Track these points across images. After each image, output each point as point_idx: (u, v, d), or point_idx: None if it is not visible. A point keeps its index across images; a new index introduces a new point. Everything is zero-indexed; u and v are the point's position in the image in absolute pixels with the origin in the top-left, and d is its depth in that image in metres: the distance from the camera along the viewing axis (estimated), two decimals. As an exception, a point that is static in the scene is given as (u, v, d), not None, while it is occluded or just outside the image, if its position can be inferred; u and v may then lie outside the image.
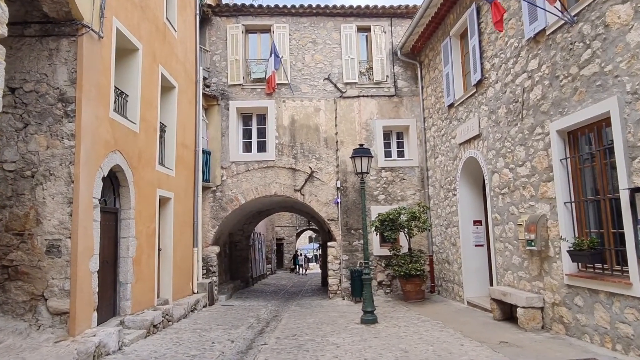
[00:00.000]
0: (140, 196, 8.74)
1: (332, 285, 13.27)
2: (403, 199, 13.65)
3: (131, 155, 8.37)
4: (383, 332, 8.08)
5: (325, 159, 13.78)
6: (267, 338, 8.08)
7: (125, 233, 8.27)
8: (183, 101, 11.59)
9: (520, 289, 8.19)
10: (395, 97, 14.12)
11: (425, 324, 8.77)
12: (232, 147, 13.77)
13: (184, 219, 11.57)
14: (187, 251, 11.72)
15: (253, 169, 13.69)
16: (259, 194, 13.61)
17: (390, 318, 9.60)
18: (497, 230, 9.12)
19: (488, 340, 7.06)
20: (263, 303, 13.53)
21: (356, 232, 13.29)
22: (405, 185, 13.75)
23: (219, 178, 13.65)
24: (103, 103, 7.25)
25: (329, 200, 13.61)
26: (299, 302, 13.56)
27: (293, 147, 13.82)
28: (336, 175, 13.72)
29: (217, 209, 13.57)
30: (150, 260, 9.15)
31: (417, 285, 11.88)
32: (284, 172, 13.71)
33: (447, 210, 11.88)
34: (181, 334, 8.29)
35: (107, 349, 6.38)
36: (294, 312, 11.33)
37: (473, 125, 10.07)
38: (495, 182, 9.13)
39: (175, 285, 10.59)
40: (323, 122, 13.96)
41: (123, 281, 8.17)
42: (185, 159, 11.76)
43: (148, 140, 9.17)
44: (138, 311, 8.47)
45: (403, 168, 13.84)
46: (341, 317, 10.16)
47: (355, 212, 13.39)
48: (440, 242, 12.50)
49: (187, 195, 11.80)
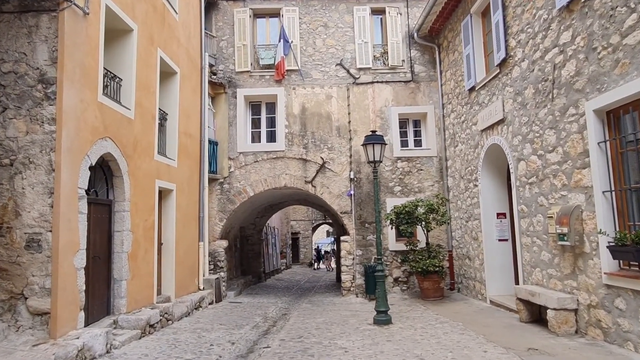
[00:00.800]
0: (136, 187, 8.19)
1: (345, 281, 12.60)
2: (420, 190, 12.86)
3: (125, 143, 7.81)
4: (397, 335, 7.38)
5: (338, 148, 13.07)
6: (271, 340, 7.46)
7: (120, 226, 7.73)
8: (186, 88, 11.01)
9: (550, 289, 7.38)
10: (411, 83, 13.29)
11: (444, 325, 8.03)
12: (240, 137, 13.17)
13: (188, 211, 11.02)
14: (192, 246, 11.18)
15: (262, 160, 13.07)
16: (268, 186, 12.99)
17: (405, 318, 8.88)
18: (524, 223, 8.30)
19: (514, 346, 6.29)
20: (273, 300, 12.95)
21: (370, 226, 12.56)
22: (423, 176, 12.95)
23: (226, 169, 13.07)
24: (90, 86, 6.68)
25: (341, 192, 12.92)
26: (311, 299, 12.94)
27: (304, 136, 13.14)
28: (349, 166, 13.00)
29: (224, 202, 13.01)
30: (148, 255, 8.61)
31: (435, 282, 11.11)
32: (294, 162, 13.05)
33: (468, 202, 11.06)
34: (179, 335, 7.73)
35: (92, 352, 5.84)
36: (304, 310, 10.71)
37: (496, 109, 9.22)
38: (522, 171, 8.30)
39: (178, 281, 10.07)
40: (335, 110, 13.24)
41: (117, 278, 7.64)
42: (190, 149, 11.20)
43: (145, 127, 8.61)
44: (135, 309, 7.95)
45: (420, 158, 13.04)
46: (353, 316, 9.49)
47: (369, 204, 12.67)
48: (461, 237, 11.69)
49: (191, 187, 11.25)
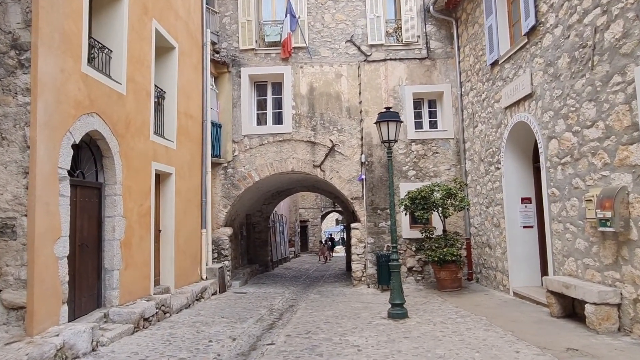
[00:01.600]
0: (129, 169, 7.52)
1: (355, 271, 11.91)
2: (436, 175, 12.07)
3: (115, 120, 7.12)
4: (415, 331, 6.68)
5: (348, 130, 12.30)
6: (276, 335, 6.80)
7: (111, 212, 7.08)
8: (186, 65, 10.28)
9: (586, 280, 6.61)
10: (427, 60, 12.43)
11: (465, 320, 7.31)
12: (244, 119, 12.44)
13: (189, 197, 10.36)
14: (193, 233, 10.55)
15: (267, 143, 12.35)
16: (274, 171, 12.28)
17: (422, 312, 8.18)
18: (555, 208, 7.51)
19: (550, 345, 5.56)
20: (280, 290, 12.32)
21: (383, 212, 11.83)
22: (439, 160, 12.15)
23: (230, 153, 12.38)
24: (72, 54, 5.98)
25: (352, 177, 12.17)
26: (320, 289, 12.28)
27: (312, 118, 12.38)
28: (360, 148, 12.23)
29: (228, 187, 12.33)
30: (144, 243, 7.97)
31: (453, 272, 10.38)
32: (302, 146, 12.31)
33: (489, 186, 10.27)
34: (176, 329, 7.10)
35: (74, 351, 5.22)
36: (313, 301, 10.05)
37: (523, 83, 8.38)
38: (553, 150, 7.48)
39: (178, 271, 9.45)
40: (345, 90, 12.44)
41: (108, 267, 7.01)
42: (190, 130, 10.50)
43: (139, 104, 7.91)
44: (129, 302, 7.34)
45: (436, 140, 12.22)
46: (365, 308, 8.81)
47: (381, 189, 11.92)
48: (480, 224, 10.92)
49: (192, 171, 10.58)
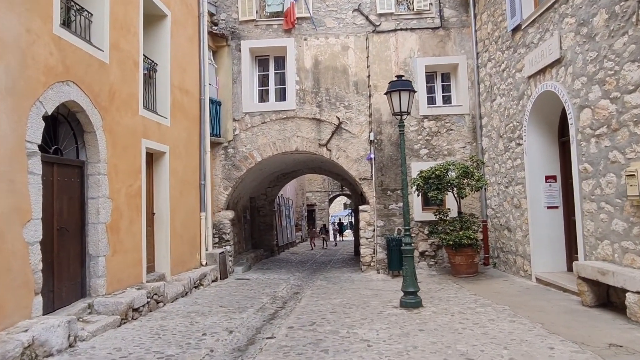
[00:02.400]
0: (115, 146, 6.85)
1: (364, 255, 11.25)
2: (450, 153, 11.29)
3: (97, 91, 6.43)
4: (431, 322, 6.01)
5: (356, 107, 11.51)
6: (277, 327, 6.17)
7: (95, 192, 6.44)
8: (180, 36, 9.53)
9: (625, 266, 5.88)
10: (440, 30, 11.55)
11: (486, 309, 6.63)
12: (245, 96, 11.70)
13: (186, 178, 9.70)
14: (191, 217, 9.92)
15: (270, 121, 11.62)
16: (277, 150, 11.58)
17: (438, 300, 7.50)
18: (587, 186, 6.73)
19: (588, 340, 4.86)
20: (285, 276, 11.71)
21: (393, 194, 11.10)
22: (453, 137, 11.35)
23: (230, 132, 11.67)
24: (40, 13, 5.27)
25: (360, 157, 11.43)
26: (327, 275, 11.66)
27: (317, 93, 11.60)
28: (369, 126, 11.46)
29: (229, 168, 11.66)
30: (134, 227, 7.34)
31: (469, 257, 9.67)
32: (307, 123, 11.57)
33: (508, 164, 9.48)
34: (168, 321, 6.50)
35: (47, 348, 4.62)
36: (319, 288, 9.42)
37: (550, 48, 7.54)
38: (586, 121, 6.68)
39: (174, 257, 8.84)
40: (352, 63, 11.63)
41: (93, 253, 6.39)
42: (186, 107, 9.79)
43: (125, 75, 7.20)
44: (118, 290, 6.74)
45: (450, 116, 11.41)
46: (375, 296, 8.16)
47: (392, 169, 11.17)
48: (498, 205, 10.16)
49: (189, 151, 9.90)
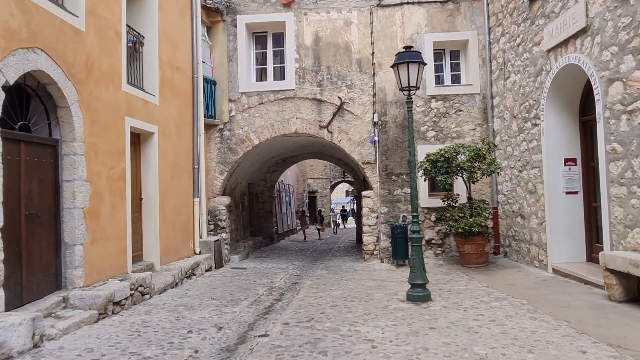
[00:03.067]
0: (94, 124, 6.23)
1: (367, 244, 10.66)
2: (459, 135, 10.62)
3: (72, 61, 5.78)
4: (442, 319, 5.42)
5: (359, 86, 10.82)
6: (272, 323, 5.60)
7: (70, 174, 5.83)
8: (170, 8, 8.83)
9: (660, 257, 5.26)
10: (449, 4, 10.79)
11: (502, 304, 6.03)
12: (241, 75, 11.01)
13: (178, 161, 9.09)
14: (184, 202, 9.32)
15: (268, 102, 10.95)
16: (275, 133, 10.92)
17: (447, 292, 6.91)
18: (616, 168, 6.09)
19: (625, 343, 4.26)
20: (284, 265, 11.14)
21: (398, 178, 10.46)
22: (462, 119, 10.67)
23: (226, 113, 11.01)
24: (-2, -34, 4.61)
25: (363, 139, 10.78)
26: (327, 264, 11.08)
27: (318, 72, 10.91)
28: (372, 107, 10.78)
29: (225, 152, 11.03)
30: (117, 212, 6.75)
31: (479, 245, 9.07)
32: (307, 104, 10.89)
33: (523, 147, 8.82)
34: (152, 315, 5.93)
35: (5, 349, 4.05)
36: (319, 278, 8.85)
37: (575, 16, 6.83)
38: (616, 96, 6.01)
39: (164, 245, 8.26)
40: (355, 40, 10.90)
41: (69, 242, 5.80)
42: (177, 85, 9.13)
43: (105, 45, 6.54)
44: (98, 282, 6.17)
45: (459, 96, 10.72)
46: (379, 288, 7.58)
47: (397, 152, 10.51)
48: (510, 190, 9.53)
49: (181, 132, 9.26)
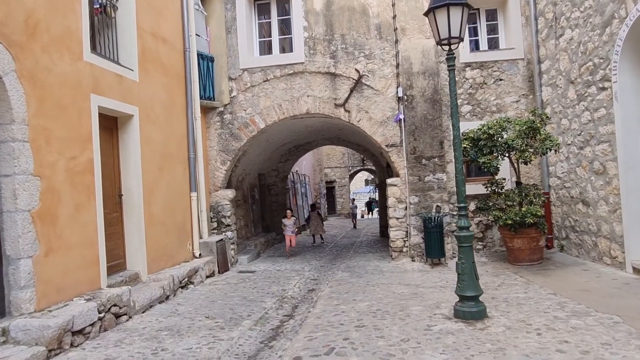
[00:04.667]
0: (43, 102, 4.85)
1: (395, 240, 9.14)
2: (499, 109, 8.99)
3: (2, 19, 4.39)
4: (511, 349, 3.90)
5: (379, 56, 9.25)
6: (279, 354, 4.17)
7: (9, 168, 4.47)
8: (151, -34, 7.39)
9: None
10: (484, -47, 9.11)
11: (586, 322, 4.48)
12: (242, 49, 9.55)
13: (168, 150, 7.70)
14: (178, 198, 7.95)
15: (274, 78, 9.46)
16: (283, 114, 9.45)
17: (504, 303, 5.39)
18: None
19: None
20: (299, 266, 9.71)
21: (429, 162, 8.89)
22: (503, 89, 9.03)
23: (226, 94, 9.58)
24: None
25: (386, 118, 9.23)
26: (349, 263, 9.62)
27: (330, 42, 9.37)
28: (396, 79, 9.20)
29: (227, 138, 9.61)
30: (84, 214, 5.39)
31: (532, 239, 7.50)
32: (319, 79, 9.38)
33: (585, 117, 7.17)
34: (122, 348, 4.55)
35: None
36: (339, 283, 7.40)
37: (668, -64, 5.15)
38: None
39: (152, 250, 6.91)
40: (374, 2, 9.31)
41: (12, 254, 4.46)
42: (164, 59, 7.71)
43: (54, 2, 5.13)
44: (59, 303, 4.83)
45: (499, 63, 9.07)
46: (415, 296, 6.09)
47: (427, 132, 8.93)
48: (567, 172, 7.89)
49: (171, 116, 7.86)
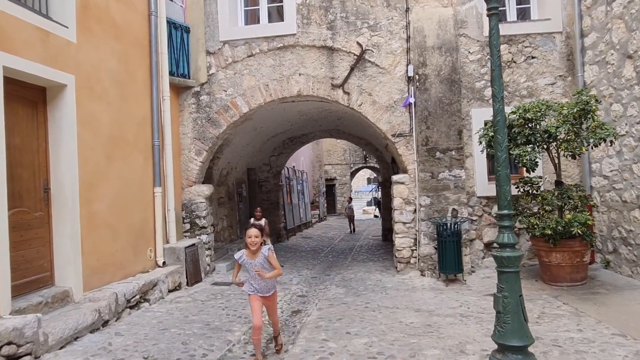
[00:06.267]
0: None
1: (401, 248, 7.60)
2: (530, 93, 7.43)
3: None
4: None
5: (386, 27, 7.70)
6: None
7: None
8: None
9: None
10: None
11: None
12: (222, 17, 8.02)
13: (121, 133, 6.18)
14: (134, 194, 6.43)
15: (260, 53, 7.93)
16: (271, 96, 7.91)
17: (554, 347, 3.89)
18: None
19: None
20: (286, 277, 8.14)
21: (445, 156, 7.32)
22: (536, 69, 7.47)
23: (203, 71, 8.05)
24: None
25: (394, 102, 7.68)
26: (345, 274, 8.09)
27: (328, 9, 7.82)
28: (406, 55, 7.65)
29: (203, 124, 8.09)
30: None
31: (576, 254, 5.95)
32: (314, 54, 7.84)
33: (649, 100, 5.61)
34: (-8, 421, 3.07)
35: None
36: (332, 304, 5.89)
37: None
38: None
39: (93, 258, 5.40)
40: (380, -38, 7.76)
41: None
42: (118, 20, 6.18)
43: None
44: None
45: (531, 37, 7.50)
46: (429, 334, 4.54)
47: (442, 119, 7.37)
48: (618, 170, 6.34)
49: (125, 92, 6.32)
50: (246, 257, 4.05)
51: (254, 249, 4.00)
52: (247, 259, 4.04)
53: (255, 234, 3.98)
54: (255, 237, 3.97)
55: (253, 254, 4.03)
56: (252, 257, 4.03)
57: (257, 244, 3.99)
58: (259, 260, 4.01)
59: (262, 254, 4.02)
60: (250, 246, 3.99)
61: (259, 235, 4.02)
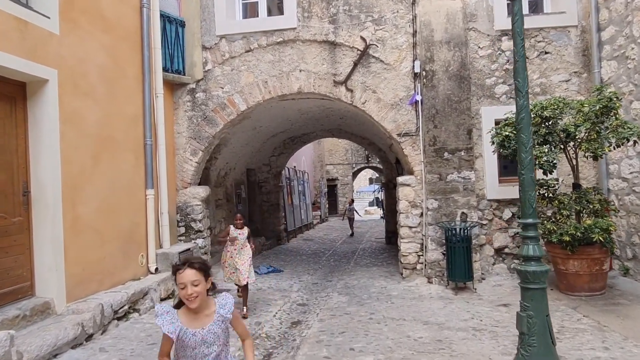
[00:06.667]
0: None
1: (407, 254, 7.21)
2: (544, 90, 7.04)
3: None
4: None
5: (391, 21, 7.31)
6: None
7: None
8: None
9: None
10: None
11: None
12: (219, 10, 7.64)
13: (109, 133, 5.80)
14: (124, 197, 6.06)
15: (259, 48, 7.55)
16: (270, 93, 7.53)
17: (586, 374, 3.49)
18: None
19: None
20: (286, 282, 7.80)
21: (453, 157, 6.94)
22: (549, 65, 7.08)
23: (199, 67, 7.68)
24: None
25: (399, 100, 7.29)
26: (348, 281, 7.70)
27: (330, 2, 7.44)
28: (412, 50, 7.26)
29: (199, 122, 7.71)
30: None
31: (595, 262, 5.58)
32: (315, 49, 7.45)
33: (675, 97, 5.22)
34: None
35: None
36: (334, 315, 5.52)
37: None
38: None
39: (78, 267, 5.03)
40: (385, -47, 7.37)
41: None
42: (106, 12, 5.81)
43: None
44: None
45: (544, 31, 7.11)
46: (440, 351, 4.17)
47: (451, 117, 6.98)
48: (636, 173, 5.95)
49: (114, 88, 5.95)
50: (183, 323, 2.14)
51: (195, 306, 2.12)
52: (185, 327, 2.14)
53: (192, 280, 2.09)
54: (192, 284, 2.10)
55: (195, 316, 2.15)
56: (195, 322, 2.15)
57: (198, 297, 2.10)
58: (212, 327, 2.15)
59: (217, 317, 2.15)
60: (187, 302, 2.11)
61: (200, 281, 2.11)
